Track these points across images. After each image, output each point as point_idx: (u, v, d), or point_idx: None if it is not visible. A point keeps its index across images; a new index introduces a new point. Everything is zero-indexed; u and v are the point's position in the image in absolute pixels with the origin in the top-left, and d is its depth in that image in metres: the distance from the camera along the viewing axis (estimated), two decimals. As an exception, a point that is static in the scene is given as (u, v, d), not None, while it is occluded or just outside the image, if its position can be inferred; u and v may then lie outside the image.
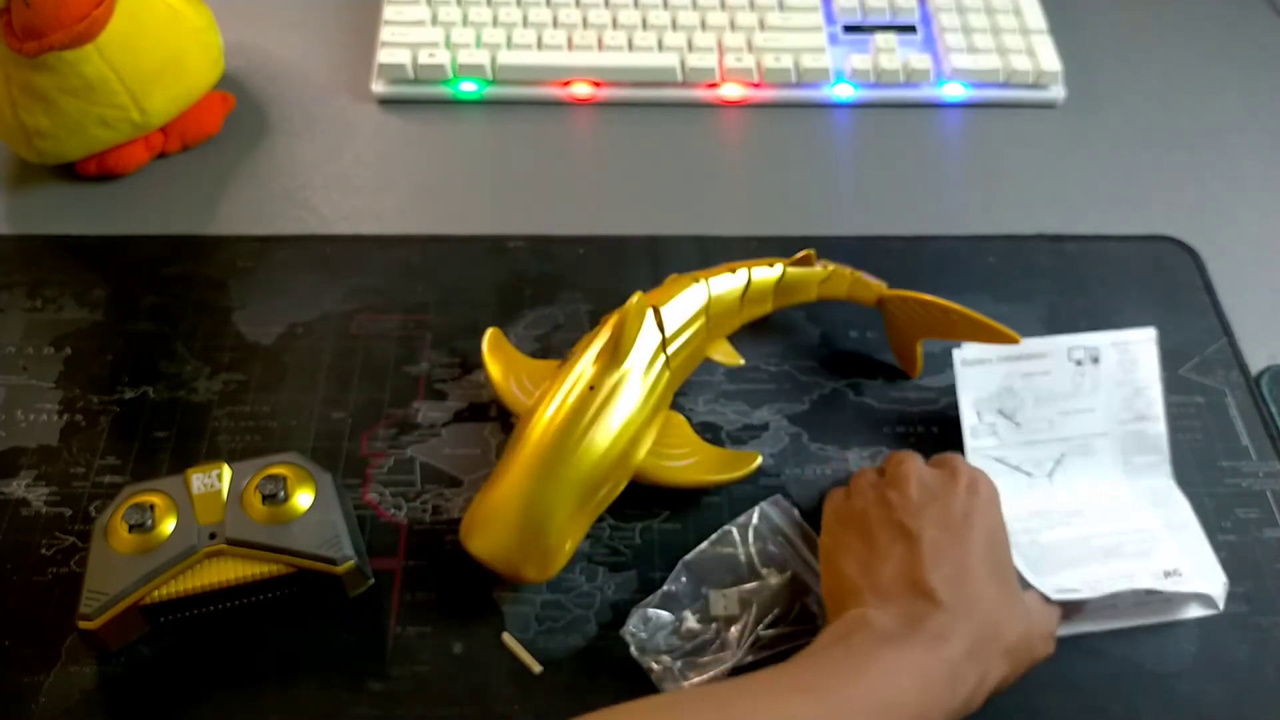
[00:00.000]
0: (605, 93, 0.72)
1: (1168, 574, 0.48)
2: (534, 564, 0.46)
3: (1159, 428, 0.53)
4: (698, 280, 0.54)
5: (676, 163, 0.69)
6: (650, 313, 0.51)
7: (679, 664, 0.46)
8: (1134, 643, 0.48)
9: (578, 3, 0.73)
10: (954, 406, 0.53)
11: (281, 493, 0.46)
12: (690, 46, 0.72)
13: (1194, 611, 0.49)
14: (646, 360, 0.50)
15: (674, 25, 0.73)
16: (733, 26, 0.73)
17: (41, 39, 0.58)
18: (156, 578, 0.45)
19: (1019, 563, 0.46)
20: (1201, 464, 0.54)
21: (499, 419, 0.55)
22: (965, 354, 0.54)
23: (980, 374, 0.54)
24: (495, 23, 0.72)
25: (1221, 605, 0.48)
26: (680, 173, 0.68)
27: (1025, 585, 0.46)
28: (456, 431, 0.55)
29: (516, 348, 0.56)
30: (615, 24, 0.73)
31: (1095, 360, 0.54)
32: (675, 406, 0.55)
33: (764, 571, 0.49)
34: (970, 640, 0.40)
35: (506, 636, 0.48)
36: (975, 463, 0.53)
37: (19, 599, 0.48)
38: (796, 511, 0.51)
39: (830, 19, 0.75)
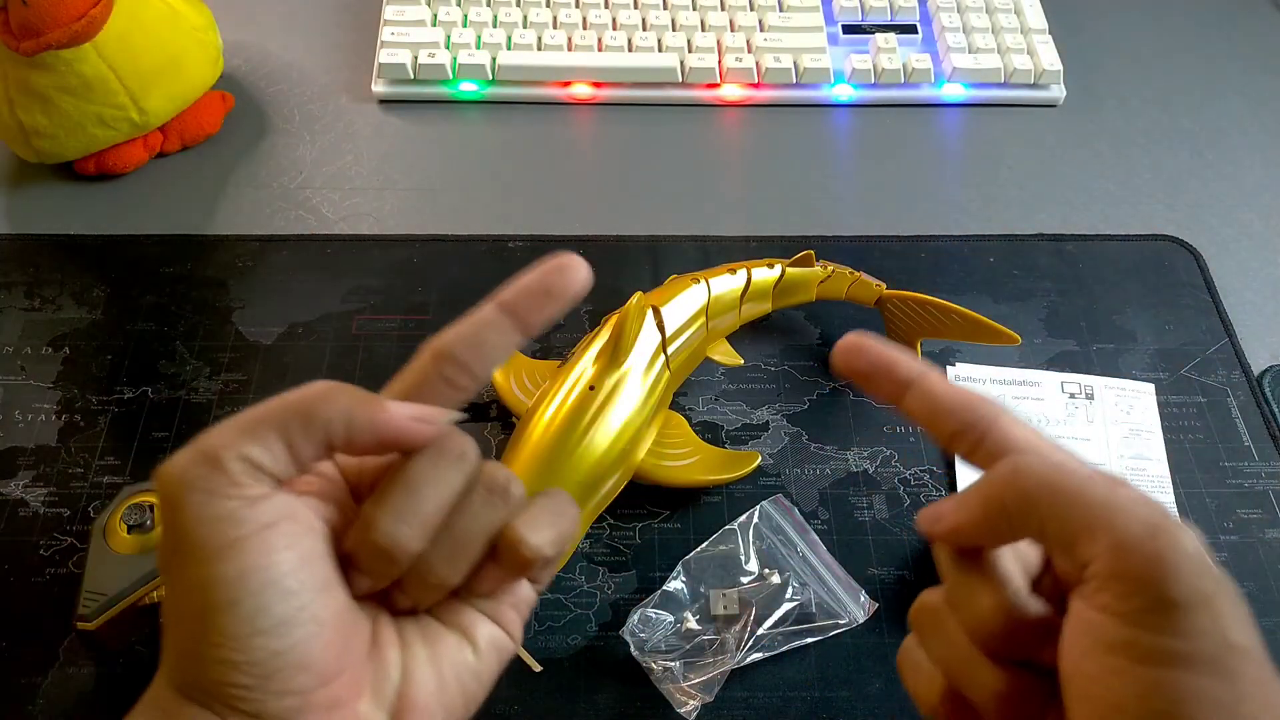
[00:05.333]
0: (605, 93, 0.72)
1: None
2: (534, 564, 0.46)
3: (1162, 469, 0.53)
4: (698, 280, 0.54)
5: (676, 163, 0.69)
6: (650, 313, 0.51)
7: (679, 664, 0.46)
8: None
9: (578, 3, 0.73)
10: (955, 406, 0.53)
11: (280, 493, 0.46)
12: (690, 47, 0.72)
13: None
14: (646, 360, 0.50)
15: (674, 26, 0.73)
16: (733, 27, 0.73)
17: (39, 37, 0.58)
18: (155, 578, 0.44)
19: None
20: (1203, 464, 0.54)
21: (499, 419, 0.55)
22: (958, 371, 0.55)
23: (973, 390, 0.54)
24: (495, 23, 0.72)
25: None
26: (680, 173, 0.68)
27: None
28: (456, 431, 0.55)
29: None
30: (615, 25, 0.73)
31: (1090, 397, 0.54)
32: (675, 406, 0.55)
33: (764, 571, 0.49)
34: None
35: (506, 637, 0.48)
36: (964, 466, 0.52)
37: (17, 600, 0.48)
38: (796, 511, 0.51)
39: (830, 19, 0.75)
